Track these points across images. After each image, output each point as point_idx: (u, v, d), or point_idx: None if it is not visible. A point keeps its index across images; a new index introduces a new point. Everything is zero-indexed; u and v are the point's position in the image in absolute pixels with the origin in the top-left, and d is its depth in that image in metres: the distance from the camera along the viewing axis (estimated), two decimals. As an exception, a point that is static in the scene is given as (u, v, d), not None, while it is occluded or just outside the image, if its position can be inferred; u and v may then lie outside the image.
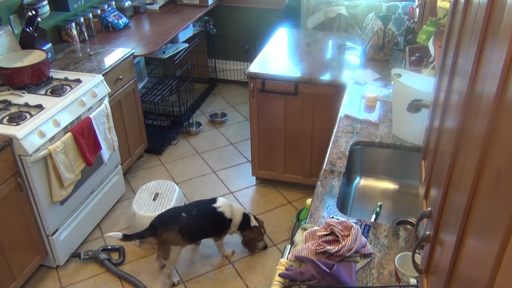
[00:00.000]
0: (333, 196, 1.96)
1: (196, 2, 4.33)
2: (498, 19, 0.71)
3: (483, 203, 0.68)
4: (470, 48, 0.92)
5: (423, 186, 1.37)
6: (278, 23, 3.99)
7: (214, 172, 3.69)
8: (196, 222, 2.62)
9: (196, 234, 2.70)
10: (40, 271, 2.81)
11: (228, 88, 4.93)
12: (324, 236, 1.65)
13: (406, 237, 1.74)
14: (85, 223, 2.98)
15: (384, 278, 1.58)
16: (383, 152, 2.31)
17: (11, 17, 3.06)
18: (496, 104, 0.66)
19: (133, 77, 3.42)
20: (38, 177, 2.50)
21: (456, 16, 1.21)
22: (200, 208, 2.68)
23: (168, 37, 3.64)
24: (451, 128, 1.02)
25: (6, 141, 2.34)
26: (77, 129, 2.67)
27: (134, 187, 3.54)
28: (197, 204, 2.74)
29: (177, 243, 2.57)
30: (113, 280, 2.76)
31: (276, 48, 3.41)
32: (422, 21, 2.45)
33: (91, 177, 2.94)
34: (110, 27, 3.78)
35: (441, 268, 0.91)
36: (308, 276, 1.49)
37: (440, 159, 1.14)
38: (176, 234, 2.54)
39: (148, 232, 2.56)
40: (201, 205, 2.72)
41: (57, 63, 3.16)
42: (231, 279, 2.78)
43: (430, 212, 1.12)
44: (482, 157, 0.71)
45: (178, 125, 4.18)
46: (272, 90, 3.07)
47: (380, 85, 2.82)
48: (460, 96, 0.96)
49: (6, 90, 2.75)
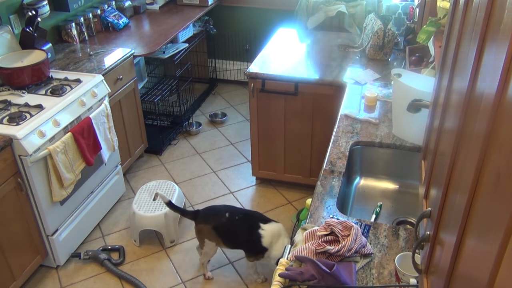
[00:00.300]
0: (333, 196, 1.96)
1: (196, 2, 4.33)
2: (498, 19, 0.71)
3: (483, 203, 0.68)
4: (470, 48, 0.92)
5: (423, 186, 1.37)
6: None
7: (214, 172, 3.69)
8: (232, 228, 2.54)
9: (229, 240, 2.59)
10: (40, 271, 2.81)
11: (228, 88, 4.93)
12: (324, 236, 1.65)
13: (406, 237, 1.74)
14: (85, 223, 2.98)
15: (384, 278, 1.58)
16: (383, 152, 2.31)
17: (11, 17, 3.06)
18: (496, 104, 0.66)
19: (133, 77, 3.43)
20: (38, 177, 2.50)
21: (456, 16, 1.21)
22: (245, 218, 2.57)
23: (168, 37, 3.64)
24: (451, 128, 1.02)
25: (6, 141, 2.34)
26: (77, 129, 2.67)
27: (134, 187, 3.54)
28: (248, 213, 2.65)
29: (211, 238, 2.57)
30: (113, 280, 2.76)
31: (276, 48, 3.41)
32: (422, 21, 2.45)
33: (91, 177, 2.94)
34: (110, 27, 3.78)
35: (441, 268, 0.91)
36: (308, 276, 1.49)
37: (440, 159, 1.14)
38: (210, 230, 2.55)
39: (191, 215, 2.62)
40: (250, 217, 2.59)
41: (57, 63, 3.16)
42: (231, 279, 2.78)
43: (430, 212, 1.12)
44: (482, 157, 0.71)
45: (178, 125, 4.18)
46: (272, 90, 3.07)
47: (380, 85, 2.82)
48: (460, 96, 0.96)
49: (6, 90, 2.75)
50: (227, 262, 2.88)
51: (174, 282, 2.76)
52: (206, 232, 2.57)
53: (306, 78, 2.97)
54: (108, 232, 3.12)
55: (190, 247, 2.98)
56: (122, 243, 3.01)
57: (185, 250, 2.96)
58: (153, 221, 2.88)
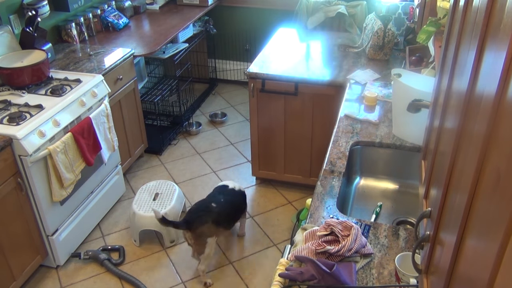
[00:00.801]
0: (333, 196, 1.96)
1: (196, 2, 4.33)
2: (498, 19, 0.71)
3: (483, 203, 0.68)
4: (470, 48, 0.92)
5: (423, 186, 1.37)
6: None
7: (214, 172, 3.69)
8: (227, 207, 2.74)
9: (230, 219, 2.80)
10: (40, 271, 2.81)
11: (228, 88, 4.93)
12: (324, 236, 1.65)
13: (406, 237, 1.74)
14: (85, 223, 2.98)
15: (384, 278, 1.58)
16: (383, 152, 2.31)
17: (11, 17, 3.06)
18: (496, 104, 0.66)
19: (133, 77, 3.42)
20: (38, 177, 2.50)
21: (456, 16, 1.21)
22: (225, 194, 2.81)
23: (168, 37, 3.64)
24: (451, 128, 1.02)
25: (6, 141, 2.34)
26: (77, 129, 2.66)
27: (134, 187, 3.54)
28: (220, 192, 2.84)
29: (212, 233, 2.61)
30: (113, 280, 2.76)
31: (276, 48, 3.41)
32: (422, 21, 2.45)
33: (91, 177, 2.94)
34: (110, 27, 3.78)
35: (441, 268, 0.91)
36: (308, 276, 1.49)
37: (440, 159, 1.14)
38: (210, 225, 2.60)
39: (184, 225, 2.61)
40: (224, 192, 2.84)
41: (57, 63, 3.16)
42: (231, 279, 2.78)
43: (430, 212, 1.12)
44: (482, 157, 0.71)
45: (178, 125, 4.18)
46: (272, 90, 3.07)
47: (380, 85, 2.82)
48: (460, 96, 0.96)
49: (6, 90, 2.75)
50: (227, 262, 2.88)
51: (174, 282, 2.76)
52: (207, 231, 2.59)
53: (306, 78, 2.97)
54: (108, 232, 3.12)
55: (190, 247, 2.98)
56: (122, 243, 3.01)
57: (185, 250, 2.96)
58: (153, 221, 2.87)
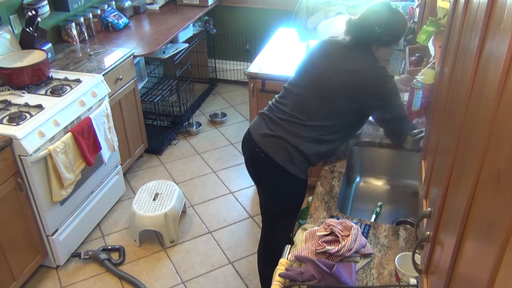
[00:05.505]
0: (333, 196, 1.96)
1: (196, 2, 4.33)
2: (498, 19, 0.71)
3: (483, 203, 0.68)
4: (470, 48, 0.92)
5: (423, 186, 1.37)
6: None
7: (214, 172, 3.69)
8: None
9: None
10: (40, 271, 2.81)
11: (228, 88, 4.93)
12: (324, 236, 1.65)
13: (406, 237, 1.74)
14: (85, 223, 2.98)
15: (384, 278, 1.58)
16: (383, 152, 2.31)
17: (11, 17, 3.05)
18: (496, 104, 0.66)
19: (133, 77, 3.42)
20: (38, 177, 2.49)
21: (456, 16, 1.21)
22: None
23: (168, 37, 3.64)
24: (451, 128, 1.02)
25: (6, 141, 2.34)
26: (77, 129, 2.66)
27: (134, 187, 3.54)
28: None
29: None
30: (113, 280, 2.76)
31: (276, 48, 3.40)
32: (422, 21, 2.45)
33: (91, 177, 2.94)
34: (110, 27, 3.78)
35: (441, 268, 0.91)
36: (308, 276, 1.49)
37: (440, 159, 1.14)
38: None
39: None
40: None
41: (57, 63, 3.16)
42: (231, 279, 2.78)
43: (430, 212, 1.12)
44: (482, 157, 0.71)
45: (178, 125, 4.18)
46: (272, 90, 3.06)
47: (380, 85, 2.82)
48: (460, 96, 0.96)
49: (6, 90, 2.75)
50: (227, 262, 2.88)
51: (174, 282, 2.76)
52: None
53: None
54: (108, 232, 3.12)
55: (190, 247, 2.98)
56: (122, 243, 3.01)
57: (185, 250, 2.96)
58: (153, 221, 2.88)
